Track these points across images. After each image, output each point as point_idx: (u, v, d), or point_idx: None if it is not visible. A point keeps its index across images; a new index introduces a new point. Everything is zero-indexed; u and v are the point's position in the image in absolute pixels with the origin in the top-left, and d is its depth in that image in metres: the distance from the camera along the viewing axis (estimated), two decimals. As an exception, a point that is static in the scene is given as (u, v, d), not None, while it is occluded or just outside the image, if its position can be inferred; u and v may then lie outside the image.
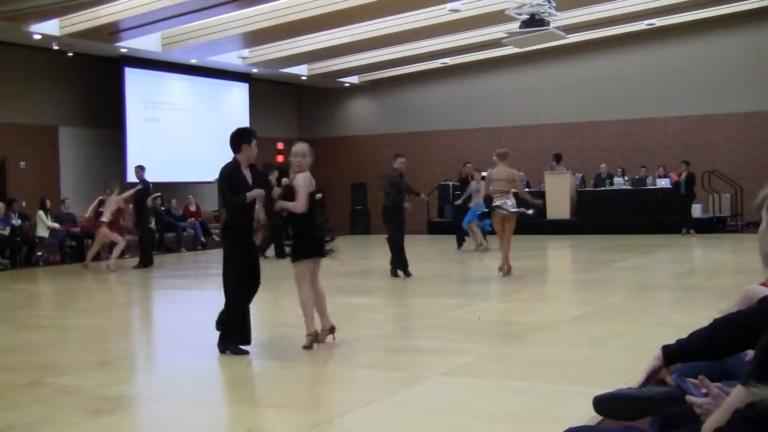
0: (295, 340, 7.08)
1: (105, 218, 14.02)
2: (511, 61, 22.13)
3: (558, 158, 20.13)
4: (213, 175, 6.80)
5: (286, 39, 19.09)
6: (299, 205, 6.30)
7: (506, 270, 11.10)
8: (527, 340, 6.67)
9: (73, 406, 4.90)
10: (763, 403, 1.86)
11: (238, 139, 6.54)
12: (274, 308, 9.88)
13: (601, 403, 2.44)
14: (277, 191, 6.55)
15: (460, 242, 16.07)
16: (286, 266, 7.05)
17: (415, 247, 18.50)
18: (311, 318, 6.41)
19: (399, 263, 11.21)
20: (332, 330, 6.61)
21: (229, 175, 6.37)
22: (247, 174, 6.46)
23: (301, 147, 6.57)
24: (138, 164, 15.19)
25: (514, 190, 11.54)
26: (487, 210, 12.92)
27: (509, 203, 11.04)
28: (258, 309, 9.96)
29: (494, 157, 11.24)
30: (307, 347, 6.31)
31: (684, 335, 2.54)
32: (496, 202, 11.04)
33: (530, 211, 11.49)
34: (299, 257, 6.42)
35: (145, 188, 14.69)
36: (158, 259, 16.46)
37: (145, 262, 14.43)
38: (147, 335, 8.36)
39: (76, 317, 9.19)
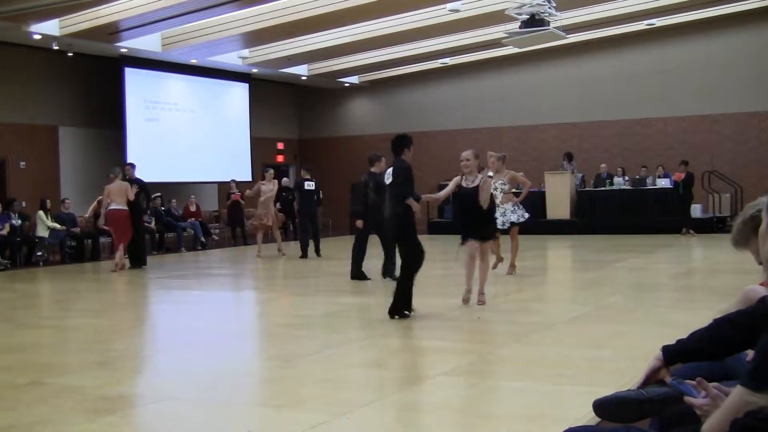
0: (296, 339, 7.09)
1: (114, 206, 13.48)
2: (511, 61, 22.12)
3: (569, 157, 20.13)
4: (213, 175, 6.95)
5: (286, 39, 19.09)
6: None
7: (510, 269, 11.20)
8: (527, 340, 6.67)
9: (73, 406, 4.90)
10: (762, 411, 1.86)
11: (403, 144, 7.62)
12: (274, 308, 9.89)
13: (601, 407, 2.44)
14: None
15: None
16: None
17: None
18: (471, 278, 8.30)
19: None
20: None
21: (409, 170, 7.61)
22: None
23: (465, 153, 8.18)
24: (129, 162, 15.09)
25: (514, 190, 11.59)
26: None
27: (501, 219, 11.06)
28: (259, 309, 9.98)
29: (494, 160, 11.13)
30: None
31: (684, 335, 2.54)
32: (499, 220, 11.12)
33: (522, 218, 11.29)
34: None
35: (142, 188, 14.43)
36: (158, 259, 16.46)
37: (140, 262, 14.24)
38: (147, 335, 8.36)
39: (76, 317, 9.19)
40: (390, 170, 7.85)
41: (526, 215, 11.23)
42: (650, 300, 9.08)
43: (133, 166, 14.56)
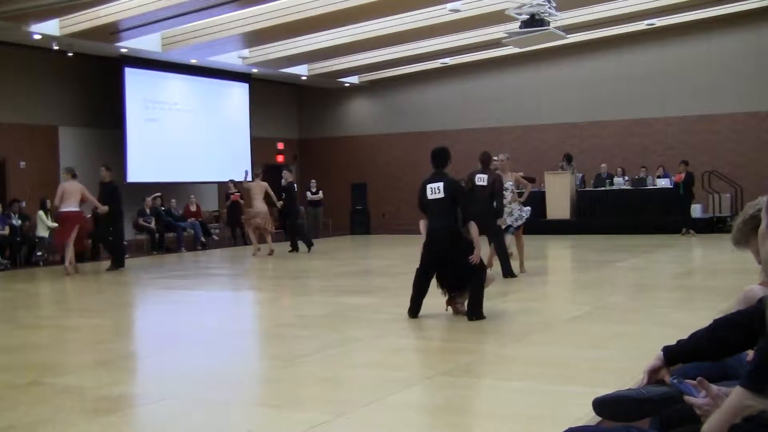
0: (296, 340, 7.09)
1: (66, 207, 13.20)
2: (511, 61, 22.12)
3: (569, 158, 20.12)
4: (212, 175, 6.92)
5: (286, 39, 19.09)
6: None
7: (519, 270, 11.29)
8: (527, 340, 6.67)
9: (73, 406, 4.90)
10: (762, 416, 1.86)
11: (447, 157, 7.79)
12: (274, 308, 9.89)
13: (601, 406, 2.44)
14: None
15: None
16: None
17: (417, 247, 18.46)
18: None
19: None
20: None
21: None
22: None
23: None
24: (103, 164, 14.91)
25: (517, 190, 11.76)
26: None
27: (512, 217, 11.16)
28: (259, 309, 9.98)
29: (504, 160, 11.30)
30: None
31: (684, 335, 2.54)
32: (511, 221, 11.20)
33: (520, 220, 11.43)
34: None
35: (111, 193, 14.09)
36: (158, 259, 16.47)
37: (119, 263, 14.09)
38: (147, 335, 8.36)
39: (76, 317, 9.19)
40: (441, 184, 7.49)
41: (524, 215, 11.42)
42: (650, 300, 9.09)
43: (108, 168, 14.50)
